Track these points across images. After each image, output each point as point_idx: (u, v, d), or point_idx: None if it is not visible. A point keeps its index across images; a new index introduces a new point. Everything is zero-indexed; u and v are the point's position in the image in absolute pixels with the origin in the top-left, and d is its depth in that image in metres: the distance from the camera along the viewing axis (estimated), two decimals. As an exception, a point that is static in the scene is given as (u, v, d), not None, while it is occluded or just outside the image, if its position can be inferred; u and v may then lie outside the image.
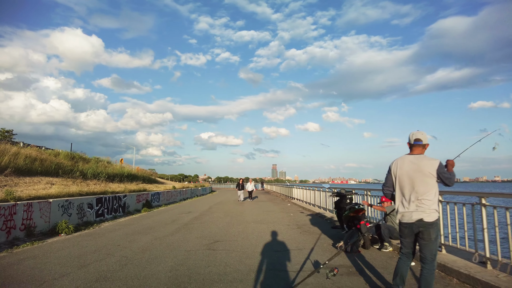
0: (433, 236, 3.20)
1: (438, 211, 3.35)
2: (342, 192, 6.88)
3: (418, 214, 3.22)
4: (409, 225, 3.29)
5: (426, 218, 3.19)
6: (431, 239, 3.20)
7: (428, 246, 3.21)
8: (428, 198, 3.22)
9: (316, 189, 13.60)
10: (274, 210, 14.38)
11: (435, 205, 3.24)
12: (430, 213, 3.20)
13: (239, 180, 22.91)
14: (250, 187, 23.23)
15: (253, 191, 23.53)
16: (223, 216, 12.09)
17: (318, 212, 11.80)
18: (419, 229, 3.22)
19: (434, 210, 3.22)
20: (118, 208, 14.95)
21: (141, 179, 26.00)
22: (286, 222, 10.01)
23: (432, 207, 3.22)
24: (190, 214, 13.41)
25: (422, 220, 3.19)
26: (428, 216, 3.19)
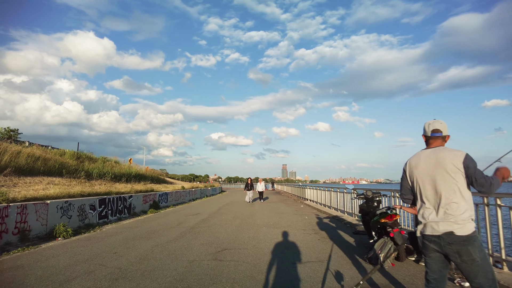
0: (476, 255, 2.24)
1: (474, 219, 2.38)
2: (369, 194, 5.94)
3: (446, 225, 2.31)
4: (434, 239, 2.36)
5: (459, 230, 2.27)
6: (476, 260, 2.24)
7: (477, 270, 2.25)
8: (456, 201, 2.32)
9: (332, 189, 12.62)
10: (286, 212, 13.48)
11: (469, 212, 2.31)
12: (463, 223, 2.27)
13: (247, 179, 21.19)
14: (260, 187, 21.60)
15: (263, 192, 21.98)
16: (232, 219, 11.26)
17: (336, 215, 10.85)
18: (451, 247, 2.29)
19: (468, 219, 2.29)
20: (123, 209, 14.32)
21: (150, 179, 25.47)
22: (301, 226, 9.10)
23: (465, 215, 2.29)
24: (197, 216, 12.64)
25: (453, 233, 2.28)
26: (460, 228, 2.27)
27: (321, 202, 14.42)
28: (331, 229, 8.54)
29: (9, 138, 18.84)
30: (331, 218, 10.77)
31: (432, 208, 2.41)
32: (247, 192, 20.33)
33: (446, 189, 2.36)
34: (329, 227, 8.99)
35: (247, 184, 20.75)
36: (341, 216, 10.39)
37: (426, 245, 2.43)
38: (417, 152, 2.65)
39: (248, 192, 20.30)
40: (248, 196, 20.02)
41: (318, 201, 15.33)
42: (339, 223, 9.60)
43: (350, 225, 8.99)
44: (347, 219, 9.63)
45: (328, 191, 13.30)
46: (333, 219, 10.63)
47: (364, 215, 6.05)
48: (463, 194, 2.33)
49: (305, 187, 20.06)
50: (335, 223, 9.73)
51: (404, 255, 4.93)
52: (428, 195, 2.45)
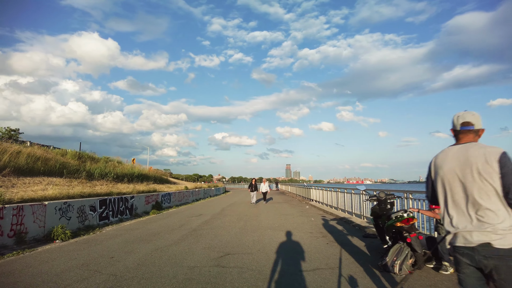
0: None
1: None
2: (381, 196, 5.54)
3: (481, 235, 1.89)
4: (467, 252, 1.95)
5: (498, 242, 1.85)
6: None
7: None
8: (492, 207, 1.90)
9: (339, 190, 12.21)
10: (291, 213, 13.09)
11: (509, 221, 1.87)
12: (503, 234, 1.85)
13: (251, 180, 20.51)
14: (264, 187, 20.82)
15: (268, 192, 21.12)
16: (236, 220, 10.91)
17: (343, 217, 10.45)
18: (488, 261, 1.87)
19: (509, 228, 1.85)
20: (124, 210, 14.04)
21: (153, 179, 25.22)
22: (307, 229, 8.72)
23: (505, 224, 1.86)
24: (200, 218, 12.31)
25: (490, 245, 1.86)
26: (500, 239, 1.85)
27: (328, 203, 14.02)
28: (339, 232, 8.15)
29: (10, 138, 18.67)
30: (338, 220, 10.38)
31: (462, 214, 2.01)
32: (251, 193, 19.73)
33: (479, 192, 1.94)
34: (337, 230, 8.60)
35: (251, 184, 20.07)
36: (349, 218, 9.99)
37: (458, 259, 2.01)
38: (444, 148, 2.25)
39: (252, 193, 19.69)
40: (253, 198, 19.44)
41: (324, 202, 14.92)
42: (347, 226, 9.20)
43: (359, 228, 8.60)
44: (356, 221, 9.23)
45: (335, 191, 12.89)
46: (340, 221, 10.23)
47: (376, 218, 5.66)
48: (501, 198, 1.91)
49: (311, 187, 19.56)
50: (343, 225, 9.33)
51: (422, 262, 4.53)
52: (457, 199, 2.04)
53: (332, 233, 8.02)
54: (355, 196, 10.25)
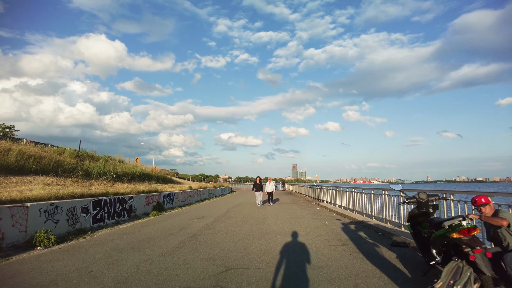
0: None
1: None
2: (422, 197, 4.40)
3: None
4: None
5: None
6: None
7: None
8: None
9: (355, 190, 11.02)
10: (302, 215, 11.96)
11: None
12: None
13: (255, 179, 18.00)
14: (270, 187, 18.56)
15: (273, 193, 18.89)
16: (241, 224, 9.83)
17: (362, 221, 9.28)
18: None
19: None
20: (122, 211, 13.09)
21: (155, 179, 24.31)
22: (323, 235, 7.59)
23: None
24: (202, 220, 11.27)
25: None
26: None
27: (341, 204, 12.84)
28: (361, 239, 6.99)
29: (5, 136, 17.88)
30: (356, 224, 9.22)
31: None
32: (256, 193, 17.56)
33: None
34: (357, 236, 7.44)
35: (256, 184, 17.72)
36: (369, 222, 8.82)
37: None
38: None
39: (257, 193, 17.52)
40: (258, 199, 17.43)
41: (337, 203, 13.75)
42: (368, 231, 8.04)
43: (383, 234, 7.44)
44: (377, 226, 8.07)
45: (350, 191, 11.71)
46: (358, 225, 9.09)
47: (415, 225, 4.52)
48: None
49: (321, 187, 18.21)
50: (363, 230, 8.17)
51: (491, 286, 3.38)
52: None
53: (352, 240, 6.88)
54: (376, 197, 9.08)
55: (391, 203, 8.00)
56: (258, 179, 17.62)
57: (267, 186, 18.55)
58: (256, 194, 17.55)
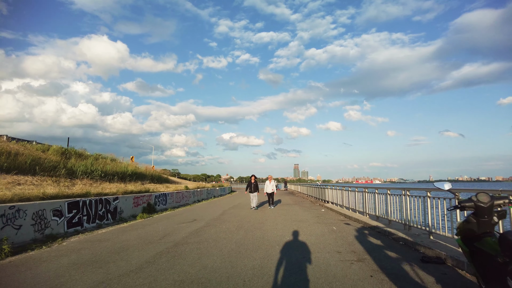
0: None
1: None
2: (484, 201, 3.05)
3: None
4: None
5: None
6: None
7: None
8: None
9: (367, 190, 9.62)
10: (306, 219, 10.60)
11: None
12: None
13: (250, 177, 15.17)
14: (270, 187, 15.46)
15: (274, 194, 15.82)
16: (235, 230, 8.48)
17: (376, 226, 7.90)
18: None
19: None
20: (105, 214, 11.79)
21: (149, 179, 23.01)
22: (332, 245, 6.23)
23: None
24: (192, 224, 9.94)
25: None
26: None
27: (350, 206, 11.47)
28: (380, 252, 5.61)
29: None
30: (369, 230, 7.85)
31: None
32: (251, 195, 14.93)
33: None
34: (375, 246, 6.07)
35: (250, 183, 15.00)
36: (385, 228, 7.44)
37: None
38: None
39: (252, 194, 14.85)
40: (253, 202, 14.75)
41: (344, 205, 12.37)
42: (386, 240, 6.66)
43: (405, 244, 6.07)
44: (397, 233, 6.69)
45: (360, 191, 10.31)
46: (373, 231, 7.72)
47: (471, 240, 3.14)
48: None
49: (326, 187, 16.65)
50: (380, 238, 6.80)
51: None
52: None
53: (370, 252, 5.50)
54: (393, 198, 7.68)
55: (414, 205, 6.62)
56: (253, 178, 15.17)
57: (266, 186, 15.64)
58: (251, 196, 14.97)
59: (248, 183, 15.24)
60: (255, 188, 14.84)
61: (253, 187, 14.84)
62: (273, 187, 15.51)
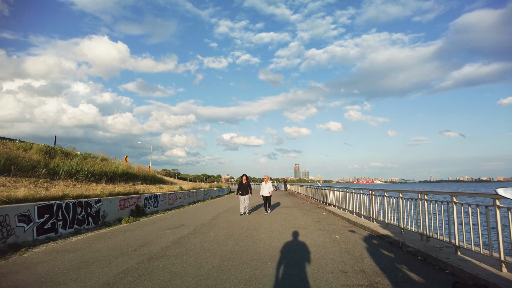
0: None
1: None
2: None
3: None
4: None
5: None
6: None
7: None
8: None
9: (373, 192, 8.51)
10: (305, 224, 9.54)
11: None
12: None
13: (241, 177, 13.26)
14: (266, 189, 13.33)
15: (271, 196, 13.65)
16: (224, 238, 7.41)
17: (386, 235, 6.81)
18: None
19: None
20: (85, 218, 10.76)
21: (142, 179, 21.96)
22: (336, 260, 5.15)
23: None
24: (178, 231, 8.89)
25: None
26: None
27: (354, 210, 10.38)
28: (397, 271, 4.52)
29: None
30: (379, 240, 6.78)
31: None
32: (241, 197, 12.87)
33: None
34: (387, 263, 4.98)
35: (241, 184, 12.95)
36: (397, 238, 6.36)
37: None
38: None
39: (242, 197, 12.82)
40: (243, 206, 12.81)
41: (347, 208, 11.28)
42: (399, 252, 5.58)
43: (425, 259, 4.99)
44: (412, 245, 5.61)
45: (365, 194, 9.22)
46: (383, 241, 6.64)
47: None
48: None
49: (327, 188, 15.39)
50: (394, 251, 5.72)
51: None
52: None
53: (384, 273, 4.41)
54: (406, 202, 6.59)
55: (434, 212, 5.54)
56: (244, 178, 13.04)
57: (262, 187, 13.51)
58: (241, 199, 12.86)
59: (239, 184, 13.11)
60: (247, 189, 12.81)
61: (245, 188, 12.79)
62: (270, 189, 13.46)
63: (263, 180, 13.69)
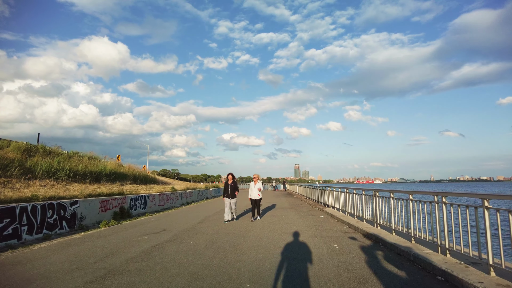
0: None
1: None
2: None
3: None
4: None
5: None
6: None
7: None
8: None
9: (377, 194, 7.43)
10: (300, 230, 8.49)
11: None
12: None
13: (227, 176, 10.81)
14: (255, 191, 10.89)
15: (261, 199, 11.20)
16: (203, 248, 6.35)
17: (394, 243, 5.76)
18: None
19: None
20: (58, 221, 9.76)
21: (131, 179, 20.89)
22: (334, 281, 4.10)
23: None
24: (155, 237, 7.84)
25: None
26: None
27: (355, 213, 9.33)
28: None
29: None
30: (384, 250, 5.73)
31: None
32: (226, 201, 10.50)
33: None
34: (398, 284, 3.93)
35: (227, 186, 10.62)
36: (407, 248, 5.30)
37: None
38: None
39: (227, 201, 10.46)
40: (228, 210, 10.49)
41: (347, 211, 10.23)
42: (412, 269, 4.52)
43: (446, 280, 3.93)
44: (428, 259, 4.55)
45: (368, 195, 8.16)
46: (389, 251, 5.58)
47: None
48: None
49: (326, 188, 14.21)
50: (402, 266, 4.66)
51: None
52: None
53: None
54: (417, 204, 5.52)
55: (453, 218, 4.48)
56: (230, 178, 10.61)
57: (251, 189, 11.07)
58: (226, 203, 10.48)
59: (225, 184, 10.78)
60: (233, 191, 10.52)
61: (231, 190, 10.46)
62: (259, 191, 10.93)
63: (252, 180, 11.44)
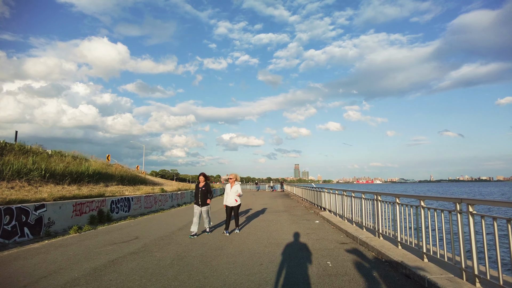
0: None
1: None
2: None
3: None
4: None
5: None
6: None
7: None
8: None
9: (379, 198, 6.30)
10: (290, 240, 7.36)
11: None
12: None
13: (198, 178, 8.42)
14: (232, 196, 8.47)
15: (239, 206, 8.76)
16: (168, 265, 5.22)
17: (400, 262, 4.64)
18: None
19: None
20: (18, 228, 8.66)
21: (118, 179, 19.75)
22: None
23: None
24: (120, 248, 6.71)
25: None
26: None
27: (354, 218, 8.20)
28: None
29: None
30: (389, 269, 4.61)
31: None
32: (195, 210, 8.21)
33: None
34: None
35: (197, 189, 8.25)
36: (419, 269, 4.20)
37: None
38: None
39: (197, 210, 8.18)
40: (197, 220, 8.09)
41: (345, 216, 9.10)
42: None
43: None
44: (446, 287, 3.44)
45: (368, 199, 7.03)
46: (396, 273, 4.47)
47: None
48: None
49: (322, 190, 12.88)
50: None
51: None
52: None
53: None
54: (431, 213, 4.39)
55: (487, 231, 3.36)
56: (201, 179, 8.33)
57: (226, 193, 8.60)
58: (195, 212, 8.18)
59: (196, 185, 8.43)
60: (205, 197, 8.17)
61: (201, 195, 8.15)
62: (237, 191, 8.51)
63: (228, 182, 8.79)
